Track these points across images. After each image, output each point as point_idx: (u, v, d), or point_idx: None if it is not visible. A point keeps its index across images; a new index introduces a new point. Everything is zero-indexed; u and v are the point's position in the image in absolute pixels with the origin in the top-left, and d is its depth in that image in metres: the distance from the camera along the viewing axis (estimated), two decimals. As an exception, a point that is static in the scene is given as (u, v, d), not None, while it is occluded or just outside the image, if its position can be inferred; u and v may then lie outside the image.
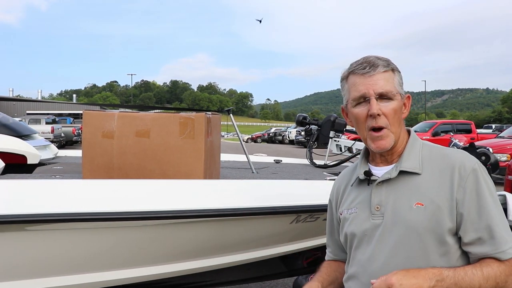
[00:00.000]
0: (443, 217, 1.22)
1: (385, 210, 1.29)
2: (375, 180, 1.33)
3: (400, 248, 1.25)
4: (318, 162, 3.81)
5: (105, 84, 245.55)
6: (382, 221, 1.29)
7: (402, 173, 1.30)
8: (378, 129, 1.30)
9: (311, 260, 2.83)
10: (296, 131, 29.78)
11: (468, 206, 1.22)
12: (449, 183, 1.24)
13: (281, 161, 4.08)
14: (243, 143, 3.26)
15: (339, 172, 1.66)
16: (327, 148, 3.94)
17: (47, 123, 22.34)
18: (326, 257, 1.61)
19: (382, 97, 1.28)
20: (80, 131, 22.88)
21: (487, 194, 1.23)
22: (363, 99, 1.30)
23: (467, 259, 1.25)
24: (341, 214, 1.44)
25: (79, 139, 22.94)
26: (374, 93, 1.28)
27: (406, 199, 1.27)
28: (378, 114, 1.27)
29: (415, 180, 1.28)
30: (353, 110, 1.33)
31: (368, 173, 1.35)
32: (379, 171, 1.35)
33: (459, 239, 1.25)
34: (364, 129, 1.32)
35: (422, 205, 1.24)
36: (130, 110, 2.75)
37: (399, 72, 1.34)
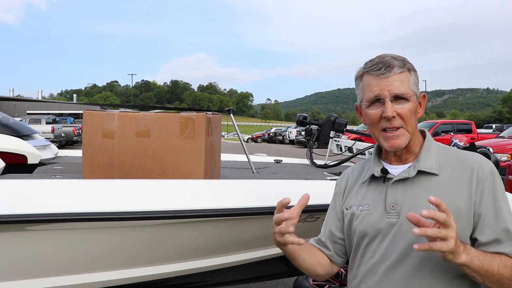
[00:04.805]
0: (462, 220, 1.22)
1: (401, 209, 1.29)
2: (390, 178, 1.33)
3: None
4: (318, 162, 3.81)
5: (105, 84, 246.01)
6: (398, 220, 1.28)
7: (419, 173, 1.30)
8: (394, 128, 1.30)
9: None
10: (297, 131, 29.79)
11: (485, 208, 1.23)
12: (467, 185, 1.25)
13: (282, 161, 4.08)
14: (243, 143, 3.26)
15: (340, 172, 1.66)
16: (327, 148, 3.94)
17: (47, 123, 22.34)
18: (311, 240, 1.56)
19: (397, 98, 1.28)
20: (80, 131, 22.89)
21: (501, 197, 1.25)
22: (378, 100, 1.29)
23: None
24: (347, 209, 1.43)
25: (79, 139, 22.94)
26: (389, 94, 1.27)
27: (424, 200, 1.24)
28: (393, 117, 1.28)
29: (433, 181, 1.28)
30: (367, 111, 1.33)
31: (385, 171, 1.34)
32: (394, 170, 1.35)
33: (473, 241, 1.25)
34: (377, 129, 1.33)
35: None
36: (131, 110, 2.75)
37: (415, 71, 1.33)
